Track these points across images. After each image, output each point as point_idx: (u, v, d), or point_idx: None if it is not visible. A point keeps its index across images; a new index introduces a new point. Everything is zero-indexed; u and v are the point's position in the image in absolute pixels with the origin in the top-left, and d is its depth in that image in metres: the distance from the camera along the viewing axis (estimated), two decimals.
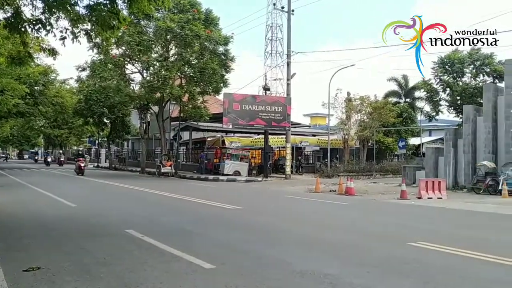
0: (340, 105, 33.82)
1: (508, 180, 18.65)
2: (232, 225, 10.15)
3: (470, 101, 26.66)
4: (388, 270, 6.13)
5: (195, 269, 5.99)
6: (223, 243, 7.95)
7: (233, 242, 8.00)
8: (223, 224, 10.35)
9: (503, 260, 6.59)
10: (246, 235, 8.84)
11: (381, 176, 31.39)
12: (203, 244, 7.83)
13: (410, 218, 12.30)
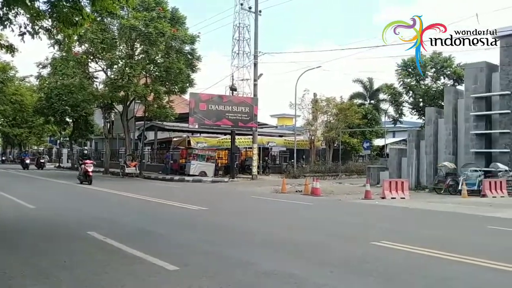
0: (306, 106, 34.17)
1: (467, 181, 19.22)
2: (197, 226, 10.01)
3: (432, 103, 27.42)
4: (351, 270, 6.17)
5: (158, 271, 5.85)
6: (187, 244, 7.81)
7: (198, 243, 7.86)
8: (187, 225, 10.18)
9: (463, 259, 6.72)
10: (211, 236, 8.73)
11: (346, 176, 31.80)
12: (167, 245, 7.69)
13: (374, 218, 12.45)
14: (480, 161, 20.84)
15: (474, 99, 21.39)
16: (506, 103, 20.54)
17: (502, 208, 14.39)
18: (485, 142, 21.30)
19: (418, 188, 22.39)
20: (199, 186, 23.82)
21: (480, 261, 6.54)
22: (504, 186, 18.51)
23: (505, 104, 20.58)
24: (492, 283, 5.61)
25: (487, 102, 21.51)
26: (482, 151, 21.10)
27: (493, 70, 21.56)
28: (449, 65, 28.90)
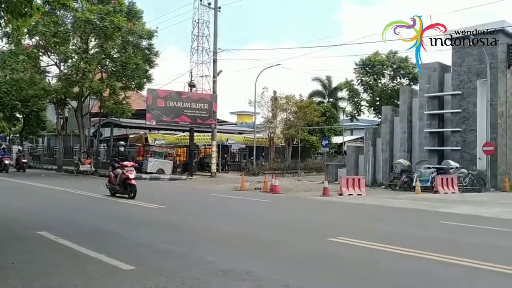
0: (266, 104, 34.23)
1: (421, 177, 19.77)
2: (154, 225, 9.78)
3: (389, 102, 28.04)
4: (308, 266, 6.18)
5: (112, 271, 5.64)
6: (144, 243, 7.59)
7: (154, 242, 7.65)
8: (144, 224, 9.91)
9: (416, 253, 6.84)
10: (168, 235, 8.54)
11: (305, 173, 32.10)
12: (122, 244, 7.46)
13: (331, 214, 12.59)
14: (433, 159, 21.51)
15: (428, 98, 22.04)
16: (458, 102, 21.28)
17: (453, 203, 14.87)
18: (438, 140, 22.01)
19: (374, 185, 22.85)
20: (156, 184, 23.40)
21: (432, 256, 6.67)
22: (455, 183, 19.15)
23: (457, 103, 21.32)
24: (442, 277, 5.71)
25: (440, 101, 22.22)
26: (435, 148, 21.79)
27: (446, 70, 22.28)
28: (405, 66, 29.65)
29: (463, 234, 9.39)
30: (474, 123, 20.67)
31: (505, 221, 11.10)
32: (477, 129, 20.54)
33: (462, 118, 21.07)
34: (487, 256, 6.80)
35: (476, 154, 20.42)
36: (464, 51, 21.11)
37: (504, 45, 20.65)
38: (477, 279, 5.62)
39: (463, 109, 21.02)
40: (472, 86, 20.88)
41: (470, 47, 20.52)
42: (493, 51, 20.24)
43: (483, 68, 20.28)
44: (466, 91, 21.04)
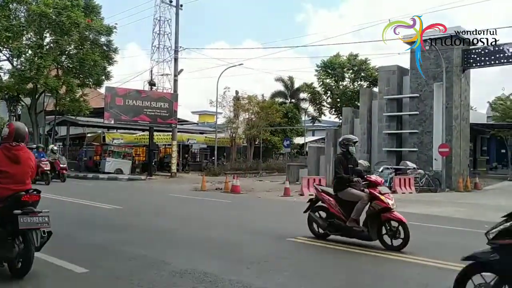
0: (228, 104, 34.03)
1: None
2: (110, 226, 9.48)
3: (349, 103, 28.48)
4: (267, 266, 6.15)
5: (65, 274, 5.45)
6: (98, 245, 7.35)
7: (110, 244, 7.43)
8: (99, 225, 9.60)
9: (373, 252, 6.94)
10: (125, 236, 8.29)
11: (267, 174, 32.10)
12: (76, 246, 7.22)
13: (291, 215, 12.52)
14: (392, 159, 21.93)
15: (387, 100, 22.46)
16: (415, 105, 21.78)
17: (410, 203, 15.11)
18: (396, 141, 22.47)
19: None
20: (114, 184, 22.80)
21: (389, 254, 6.80)
22: (412, 183, 19.56)
23: (414, 105, 21.82)
24: (399, 275, 5.75)
25: (398, 103, 22.69)
26: (394, 149, 22.22)
27: (404, 73, 22.77)
28: (366, 68, 30.19)
29: (418, 233, 9.48)
30: (431, 125, 21.21)
31: (457, 220, 11.37)
32: (433, 131, 21.08)
33: (420, 120, 21.58)
34: (439, 254, 6.94)
35: (432, 155, 20.95)
36: (421, 55, 21.59)
37: (459, 50, 21.28)
38: (430, 277, 5.70)
39: (421, 111, 21.52)
40: (429, 89, 21.42)
41: (427, 51, 21.05)
42: (449, 55, 20.83)
43: (440, 72, 20.84)
44: (423, 94, 21.56)
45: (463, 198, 17.17)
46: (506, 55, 20.37)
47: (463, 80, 21.77)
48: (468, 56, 21.45)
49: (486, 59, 21.12)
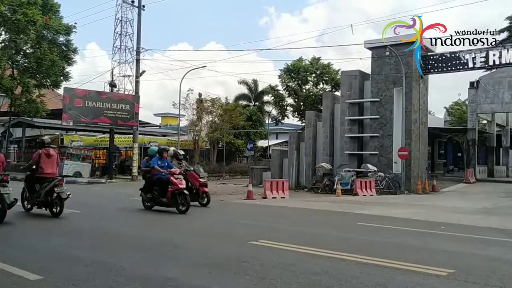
0: (191, 106, 33.66)
1: (342, 180, 20.33)
2: (66, 231, 9.20)
3: (312, 107, 28.76)
4: (228, 270, 6.10)
5: (17, 281, 5.23)
6: (53, 250, 7.10)
7: (65, 249, 7.19)
8: (54, 230, 9.28)
9: (333, 254, 6.96)
10: (81, 241, 8.08)
11: (230, 177, 31.98)
12: (29, 253, 6.93)
13: (254, 218, 12.50)
14: (353, 162, 22.24)
15: (349, 104, 22.78)
16: (376, 109, 22.19)
17: (370, 205, 15.37)
18: (358, 144, 22.81)
19: (298, 188, 23.19)
20: (72, 188, 21.72)
21: (348, 256, 6.84)
22: (373, 186, 19.89)
23: (375, 110, 22.23)
24: (357, 276, 5.80)
25: (360, 107, 23.05)
26: (355, 153, 22.55)
27: (366, 78, 23.17)
28: (328, 72, 30.57)
29: (378, 235, 9.65)
30: (391, 129, 21.65)
31: (416, 222, 11.59)
32: (393, 134, 21.53)
33: (380, 124, 22.00)
34: (398, 255, 7.05)
35: (392, 158, 21.37)
36: (382, 61, 22.08)
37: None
38: (389, 278, 5.73)
39: (381, 115, 21.94)
40: (389, 93, 21.87)
41: (388, 57, 21.51)
42: (409, 61, 21.34)
43: (399, 77, 21.31)
44: (384, 98, 21.99)
45: (421, 200, 17.59)
46: (462, 62, 21.07)
47: (422, 86, 22.35)
48: (427, 62, 22.06)
49: (443, 65, 21.78)
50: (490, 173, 31.91)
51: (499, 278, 5.86)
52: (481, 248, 8.19)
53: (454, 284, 5.55)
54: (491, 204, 16.33)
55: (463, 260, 6.97)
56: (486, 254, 7.57)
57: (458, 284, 5.54)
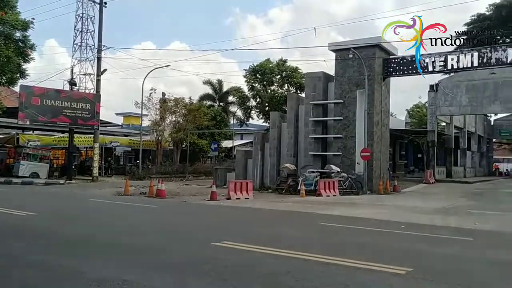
0: (154, 106, 33.09)
1: (305, 181, 20.42)
2: (23, 234, 8.91)
3: (277, 108, 28.83)
4: (189, 271, 6.04)
5: None
6: (9, 254, 6.88)
7: (22, 253, 6.97)
8: (11, 233, 9.01)
9: (296, 254, 6.98)
10: (39, 245, 7.83)
11: (194, 178, 31.69)
12: None
13: (217, 219, 12.46)
14: (317, 163, 22.40)
15: (313, 105, 22.94)
16: (339, 110, 22.44)
17: (333, 206, 15.49)
18: (322, 145, 23.00)
19: (262, 189, 23.15)
20: (29, 189, 21.42)
21: (311, 256, 6.85)
22: (336, 186, 20.06)
23: (339, 111, 22.47)
24: (319, 276, 5.80)
25: (324, 109, 23.26)
26: (319, 153, 22.73)
27: (330, 80, 23.40)
28: (293, 74, 30.72)
29: (340, 235, 9.74)
30: (354, 130, 21.94)
31: (377, 221, 11.75)
32: (356, 136, 21.82)
33: (343, 125, 22.25)
34: (359, 255, 7.10)
35: (355, 159, 21.66)
36: (345, 63, 22.36)
37: (380, 59, 22.25)
38: (350, 277, 5.76)
39: (344, 116, 22.21)
40: (353, 95, 22.17)
41: (351, 59, 21.80)
42: (371, 64, 21.70)
43: (362, 80, 21.63)
44: (347, 100, 22.26)
45: (383, 200, 17.89)
46: (422, 65, 21.56)
47: (384, 88, 22.77)
48: (388, 65, 22.50)
49: (404, 68, 22.24)
50: (449, 173, 32.88)
51: (456, 275, 6.00)
52: (439, 246, 8.36)
53: (412, 282, 5.64)
54: (449, 204, 16.77)
55: (421, 259, 7.09)
56: (444, 252, 7.74)
57: (416, 282, 5.63)
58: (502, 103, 29.40)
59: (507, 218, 12.77)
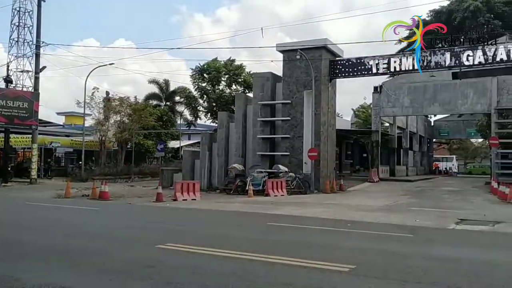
0: (97, 105, 31.97)
1: (254, 181, 20.37)
2: None
3: (225, 108, 28.59)
4: (132, 275, 5.85)
5: None
6: None
7: None
8: None
9: (242, 255, 6.91)
10: None
11: (139, 179, 30.96)
12: None
13: (163, 221, 12.18)
14: (265, 163, 22.42)
15: (261, 106, 22.96)
16: (287, 111, 22.59)
17: (281, 206, 15.51)
18: (270, 145, 23.06)
19: (210, 189, 22.89)
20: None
21: (257, 256, 6.80)
22: (284, 186, 20.16)
23: (286, 111, 22.62)
24: (264, 276, 5.76)
25: (272, 109, 23.34)
26: (267, 153, 22.77)
27: (277, 80, 23.51)
28: (241, 74, 30.62)
29: (286, 234, 9.74)
30: (301, 130, 22.16)
31: (324, 220, 11.87)
32: (303, 136, 22.05)
33: (291, 125, 22.42)
34: (304, 253, 7.10)
35: (302, 159, 21.87)
36: (293, 64, 22.53)
37: (327, 61, 22.62)
38: (294, 276, 5.73)
39: (292, 117, 22.38)
40: (300, 96, 22.38)
41: (299, 60, 21.99)
42: (318, 65, 22.00)
43: (309, 81, 21.88)
44: (295, 100, 22.44)
45: (329, 199, 18.14)
46: (366, 67, 22.13)
47: (330, 89, 23.16)
48: (335, 66, 22.91)
49: (349, 70, 22.73)
50: (392, 172, 33.95)
51: (397, 271, 6.10)
52: (382, 243, 8.52)
53: (355, 279, 5.68)
54: (392, 201, 17.26)
55: (365, 256, 7.18)
56: (386, 249, 7.89)
57: (359, 279, 5.67)
58: (441, 105, 30.72)
59: (445, 215, 13.27)
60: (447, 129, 45.88)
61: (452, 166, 50.42)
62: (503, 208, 15.43)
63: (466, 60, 20.13)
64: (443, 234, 10.08)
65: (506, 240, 9.66)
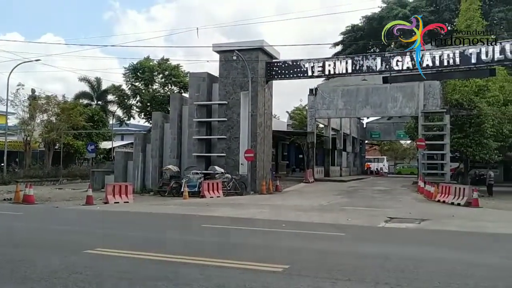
0: (22, 103, 30.09)
1: (189, 183, 20.04)
2: None
3: (160, 108, 27.98)
4: (57, 283, 5.52)
5: None
6: None
7: None
8: None
9: (174, 258, 6.79)
10: None
11: (68, 181, 29.65)
12: None
13: (92, 224, 11.69)
14: (201, 164, 22.17)
15: (197, 106, 22.69)
16: (224, 111, 22.48)
17: (217, 207, 15.40)
18: (206, 146, 22.84)
19: (143, 192, 22.30)
20: None
21: (190, 259, 6.67)
22: (220, 187, 20.03)
23: (223, 112, 22.50)
24: (198, 279, 5.66)
25: (208, 110, 23.13)
26: (203, 154, 22.54)
27: (214, 81, 23.35)
28: (176, 74, 30.12)
29: (221, 236, 9.66)
30: (238, 131, 22.13)
31: (259, 221, 11.92)
32: (240, 137, 22.04)
33: (228, 126, 22.33)
34: (239, 255, 7.09)
35: (239, 160, 21.86)
36: (230, 65, 22.47)
37: (264, 63, 22.76)
38: (228, 278, 5.67)
39: (229, 118, 22.30)
40: (237, 97, 22.35)
41: (235, 61, 21.96)
42: (254, 66, 22.10)
43: (246, 82, 21.91)
44: (231, 101, 22.38)
45: (265, 200, 18.25)
46: (302, 70, 22.52)
47: (267, 90, 23.34)
48: (271, 68, 23.11)
49: (286, 72, 23.04)
50: (327, 173, 34.79)
51: (328, 269, 6.20)
52: (315, 243, 8.66)
53: (288, 278, 5.70)
54: (326, 201, 17.66)
55: (298, 255, 7.25)
56: (319, 248, 8.02)
57: (292, 278, 5.69)
58: (372, 108, 31.89)
59: (376, 214, 13.75)
60: (378, 131, 47.78)
61: (383, 166, 52.59)
62: (428, 206, 16.30)
63: (395, 65, 21.02)
64: (373, 232, 10.42)
65: (431, 236, 10.14)
